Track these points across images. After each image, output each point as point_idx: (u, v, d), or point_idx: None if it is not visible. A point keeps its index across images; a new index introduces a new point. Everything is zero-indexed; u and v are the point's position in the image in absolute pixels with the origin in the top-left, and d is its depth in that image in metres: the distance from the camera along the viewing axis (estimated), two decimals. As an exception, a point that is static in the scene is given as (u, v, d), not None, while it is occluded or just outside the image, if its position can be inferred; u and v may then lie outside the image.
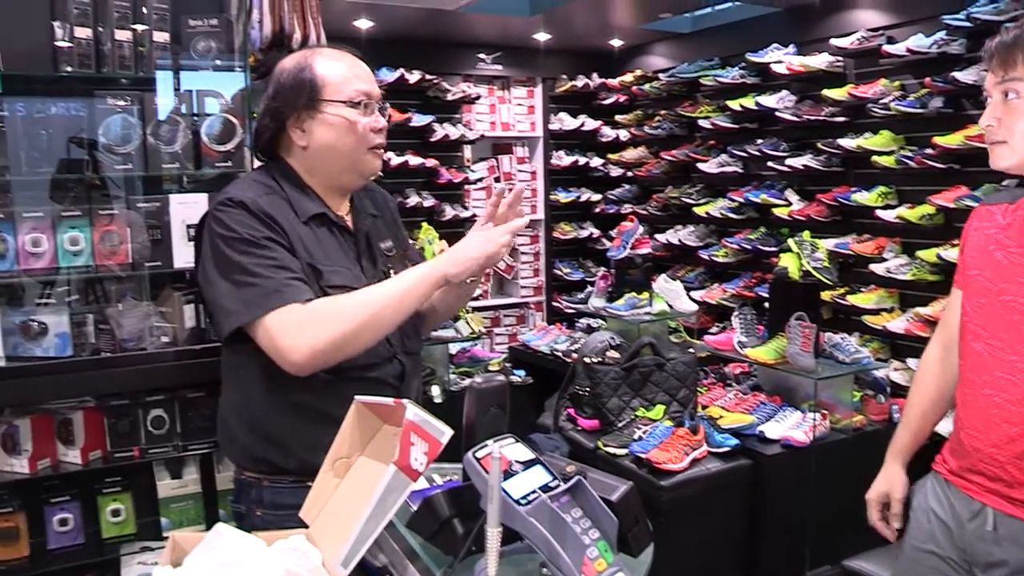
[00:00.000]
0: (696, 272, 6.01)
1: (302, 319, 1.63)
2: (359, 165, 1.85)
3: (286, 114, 1.80)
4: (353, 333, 1.65)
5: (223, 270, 1.69)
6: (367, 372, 1.77)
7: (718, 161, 5.72)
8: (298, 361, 1.64)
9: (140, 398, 2.47)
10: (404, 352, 1.88)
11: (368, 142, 1.83)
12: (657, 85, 6.26)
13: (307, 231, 1.77)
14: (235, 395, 1.84)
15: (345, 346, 1.66)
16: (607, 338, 4.10)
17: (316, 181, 1.85)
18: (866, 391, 3.88)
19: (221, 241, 1.70)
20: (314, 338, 1.63)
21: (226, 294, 1.68)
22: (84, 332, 2.40)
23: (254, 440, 1.80)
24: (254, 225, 1.70)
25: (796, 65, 5.01)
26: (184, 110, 2.51)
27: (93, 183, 2.46)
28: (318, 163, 1.83)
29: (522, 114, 6.93)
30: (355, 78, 1.82)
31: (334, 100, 1.79)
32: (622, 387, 3.60)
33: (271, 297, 1.64)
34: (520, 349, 5.96)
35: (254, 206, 1.71)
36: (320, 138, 1.81)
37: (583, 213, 7.14)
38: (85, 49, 2.37)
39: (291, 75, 1.81)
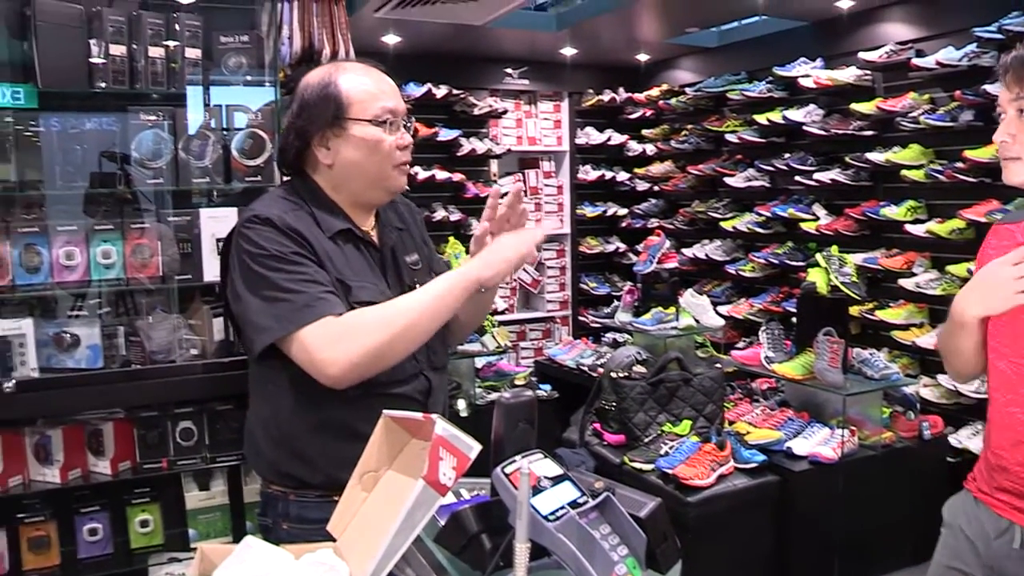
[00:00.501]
0: (723, 287, 5.98)
1: (338, 331, 1.63)
2: (385, 182, 1.84)
3: (311, 132, 1.79)
4: (390, 342, 1.64)
5: (253, 287, 1.68)
6: (393, 388, 1.77)
7: (745, 175, 5.69)
8: (335, 374, 1.63)
9: (169, 410, 2.49)
10: (431, 368, 1.87)
11: (394, 160, 1.82)
12: (684, 99, 6.25)
13: (333, 247, 1.77)
14: (263, 409, 1.84)
15: (383, 356, 1.65)
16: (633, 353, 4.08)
17: (341, 197, 1.84)
18: (895, 407, 3.83)
19: (249, 258, 1.70)
20: (351, 350, 1.62)
21: (257, 310, 1.68)
22: (115, 344, 2.42)
23: (280, 455, 1.80)
24: (282, 241, 1.70)
25: (824, 79, 4.99)
26: (214, 125, 2.54)
27: (125, 197, 2.49)
28: (343, 180, 1.82)
29: (548, 128, 6.94)
30: (381, 94, 1.80)
31: (359, 119, 1.77)
32: (648, 402, 3.58)
33: (304, 311, 1.64)
34: (546, 363, 5.95)
35: (280, 222, 1.71)
36: (345, 156, 1.80)
37: (609, 227, 7.13)
38: (119, 66, 2.40)
39: (315, 92, 1.79)
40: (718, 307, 5.27)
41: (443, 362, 1.95)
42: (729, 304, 5.73)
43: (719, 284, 6.04)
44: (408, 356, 1.76)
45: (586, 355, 5.68)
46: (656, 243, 4.56)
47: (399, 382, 1.78)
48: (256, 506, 1.98)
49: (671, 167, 6.61)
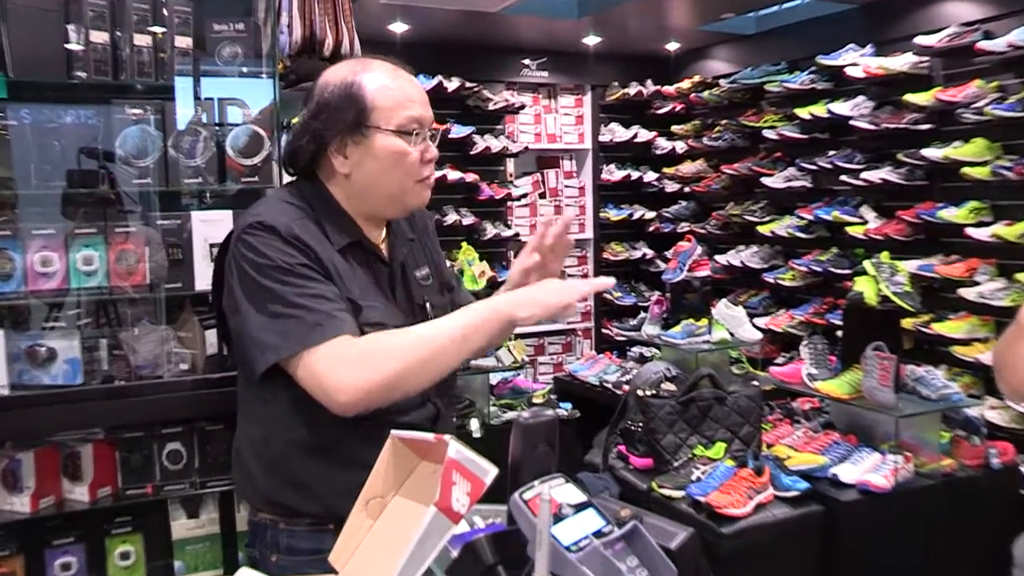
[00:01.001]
0: (760, 297, 5.95)
1: (352, 355, 1.61)
2: (405, 198, 1.82)
3: (328, 137, 1.76)
4: (408, 373, 1.63)
5: (256, 300, 1.66)
6: (398, 416, 1.74)
7: (785, 175, 5.67)
8: (344, 401, 1.62)
9: (155, 430, 2.49)
10: (439, 394, 1.86)
11: (417, 175, 1.80)
12: (717, 92, 6.24)
13: (342, 262, 1.75)
14: (253, 431, 1.82)
15: (399, 386, 1.64)
16: (662, 369, 4.07)
17: (355, 208, 1.82)
18: (957, 432, 3.77)
19: (253, 268, 1.67)
20: (365, 377, 1.61)
21: (261, 326, 1.66)
22: (96, 358, 2.42)
23: (271, 480, 1.79)
24: (288, 251, 1.68)
25: (874, 67, 4.95)
26: (205, 120, 2.54)
27: (108, 198, 2.50)
28: (360, 192, 1.80)
29: (570, 124, 6.95)
30: (408, 102, 1.78)
31: (383, 128, 1.75)
32: (678, 423, 3.57)
33: (315, 330, 1.62)
34: (566, 380, 5.93)
35: (287, 232, 1.69)
36: (364, 167, 1.77)
37: (636, 232, 7.12)
38: (101, 54, 2.41)
39: (336, 93, 1.76)
40: (755, 319, 5.24)
41: (452, 386, 1.95)
42: (767, 316, 5.70)
43: (756, 294, 6.01)
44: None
45: (610, 371, 5.66)
46: (687, 249, 4.55)
47: (404, 410, 1.77)
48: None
49: (703, 166, 6.59)
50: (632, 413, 3.74)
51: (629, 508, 1.40)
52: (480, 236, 6.10)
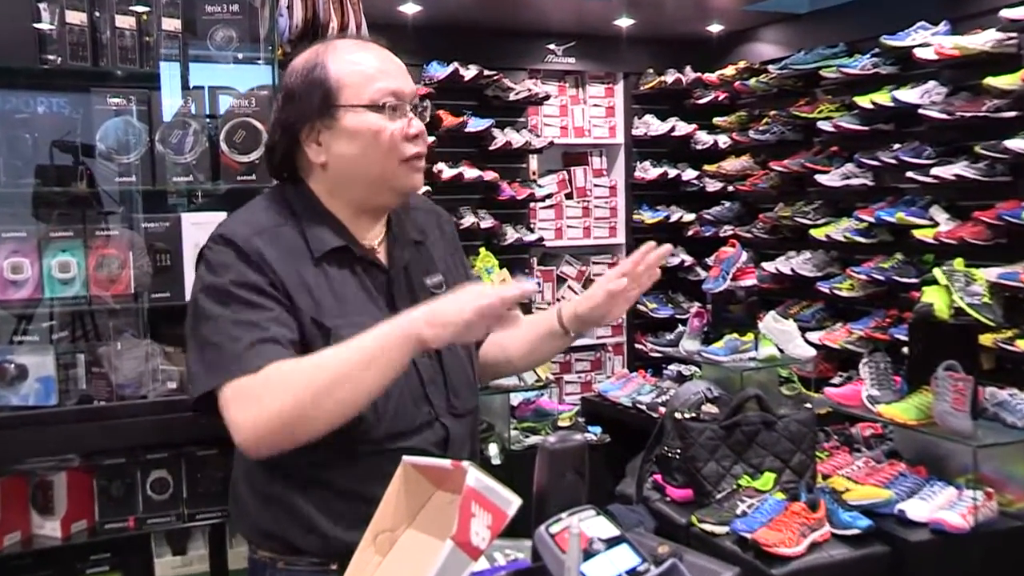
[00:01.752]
0: (813, 309, 5.92)
1: (249, 392, 1.62)
2: (391, 181, 1.81)
3: (298, 126, 1.78)
4: (305, 406, 1.60)
5: (196, 323, 1.71)
6: (398, 442, 1.74)
7: (842, 172, 5.64)
8: (244, 441, 1.63)
9: (138, 456, 2.51)
10: (451, 414, 1.85)
11: (400, 152, 1.78)
12: (766, 79, 6.22)
13: (317, 273, 1.75)
14: (245, 460, 1.84)
15: (295, 424, 1.60)
16: (702, 389, 4.06)
17: (340, 204, 1.83)
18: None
19: (201, 288, 1.72)
20: (256, 413, 1.60)
21: (194, 354, 1.70)
22: (72, 376, 2.44)
23: (267, 513, 1.80)
24: (240, 269, 1.70)
25: (949, 48, 4.88)
26: (194, 110, 2.56)
27: (87, 198, 2.52)
28: (340, 183, 1.81)
29: (599, 117, 6.94)
30: (379, 74, 1.78)
31: (353, 105, 1.75)
32: (721, 449, 3.56)
33: (231, 363, 1.63)
34: (595, 400, 5.91)
35: (246, 245, 1.71)
36: (340, 153, 1.78)
37: (673, 236, 7.08)
38: (78, 37, 2.44)
39: (300, 77, 1.78)
40: (807, 334, 5.19)
41: (468, 406, 1.91)
42: (821, 330, 5.66)
43: (809, 306, 5.98)
44: (418, 400, 1.77)
45: (644, 391, 5.65)
46: (730, 255, 4.54)
47: (404, 434, 1.76)
48: (243, 574, 1.98)
49: (749, 163, 6.57)
50: (669, 438, 3.73)
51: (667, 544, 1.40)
52: (500, 241, 6.11)
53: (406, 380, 1.73)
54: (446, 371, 1.85)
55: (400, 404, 1.75)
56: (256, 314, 1.67)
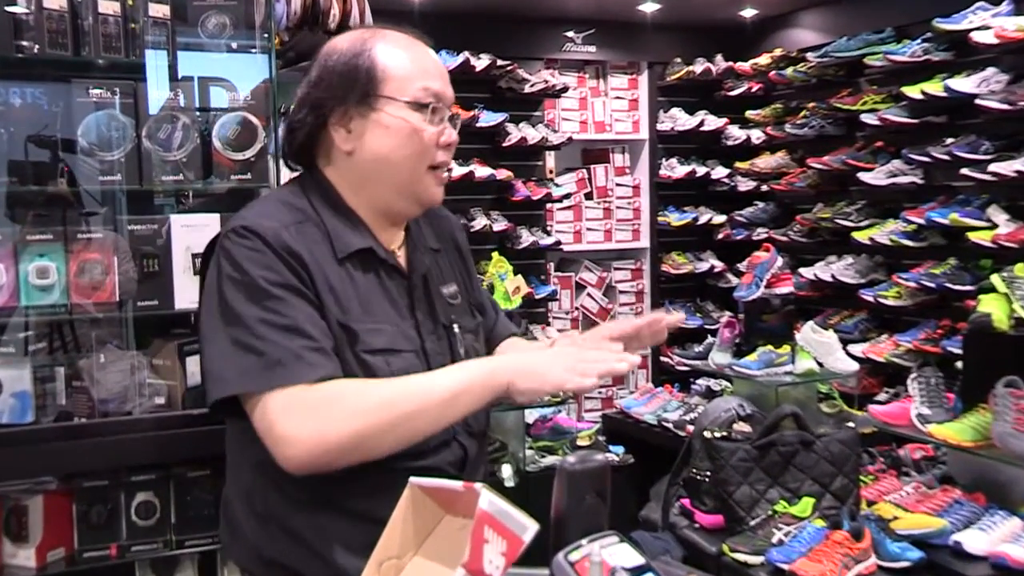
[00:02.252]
0: (856, 319, 5.90)
1: (309, 405, 1.65)
2: (415, 187, 1.87)
3: (330, 107, 1.82)
4: (374, 433, 1.66)
5: (220, 321, 1.71)
6: (415, 461, 1.77)
7: (888, 169, 5.62)
8: (294, 456, 1.65)
9: (122, 478, 2.51)
10: (468, 433, 1.89)
11: (431, 158, 1.85)
12: (804, 69, 6.21)
13: (340, 275, 1.79)
14: (244, 476, 1.85)
15: (359, 448, 1.67)
16: (734, 405, 4.04)
17: (361, 202, 1.87)
18: None
19: (228, 282, 1.72)
20: (319, 432, 1.64)
21: (219, 355, 1.71)
22: (50, 391, 2.45)
23: (265, 536, 1.80)
24: (271, 265, 1.72)
25: (1012, 30, 4.83)
26: (183, 103, 2.57)
27: (67, 198, 2.53)
28: (364, 178, 1.85)
29: (622, 110, 6.95)
30: (425, 73, 1.85)
31: (395, 98, 1.81)
32: (755, 472, 3.55)
33: (274, 371, 1.66)
34: (617, 418, 5.90)
35: (275, 240, 1.73)
36: (371, 144, 1.83)
37: (702, 240, 7.10)
38: (57, 24, 2.45)
39: (343, 59, 1.83)
40: (850, 346, 5.20)
41: (484, 426, 1.97)
42: (865, 342, 5.65)
43: (851, 315, 5.96)
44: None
45: (671, 408, 5.65)
46: (764, 260, 4.53)
47: (423, 453, 1.78)
48: (235, 605, 1.98)
49: (785, 160, 6.57)
50: (698, 459, 3.72)
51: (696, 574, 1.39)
52: (514, 245, 6.11)
53: None
54: None
55: None
56: (294, 317, 1.70)
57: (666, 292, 7.05)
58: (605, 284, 6.83)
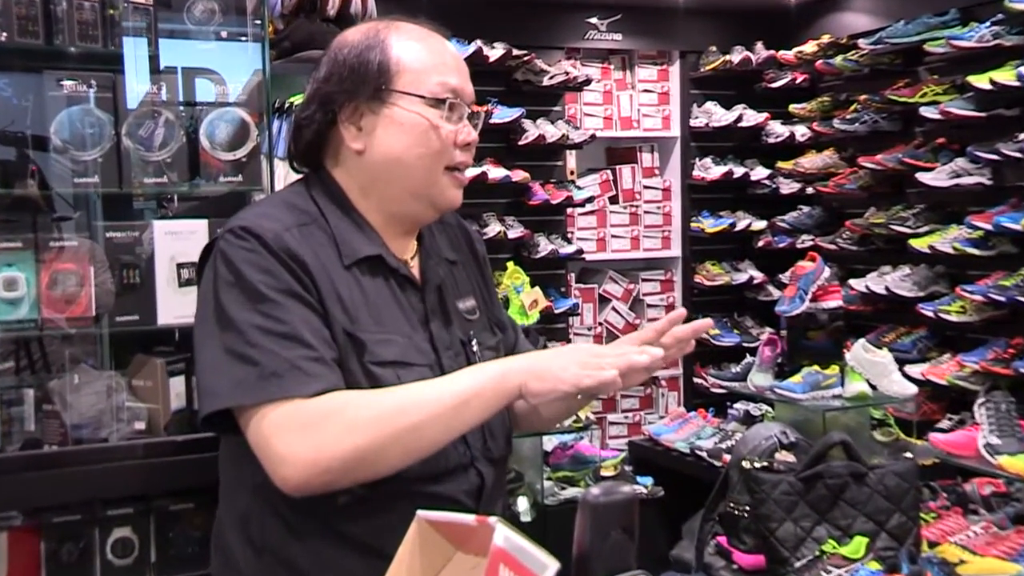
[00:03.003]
0: (915, 336, 5.88)
1: (306, 419, 1.67)
2: (430, 189, 1.90)
3: (340, 102, 1.86)
4: (379, 448, 1.68)
5: (215, 328, 1.74)
6: (429, 486, 1.79)
7: (951, 169, 5.60)
8: (291, 476, 1.67)
9: (97, 512, 2.51)
10: (486, 458, 1.91)
11: (448, 158, 1.89)
12: (855, 57, 6.20)
13: (350, 281, 1.81)
14: (239, 500, 1.87)
15: (362, 465, 1.68)
16: (776, 433, 4.02)
17: (371, 206, 1.90)
18: None
19: (223, 286, 1.75)
20: (317, 448, 1.65)
21: (212, 365, 1.73)
22: (16, 416, 2.46)
23: (260, 567, 1.82)
24: (271, 269, 1.74)
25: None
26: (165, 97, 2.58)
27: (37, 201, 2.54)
28: (375, 179, 1.89)
29: (651, 105, 6.96)
30: (443, 67, 1.89)
31: (410, 93, 1.85)
32: (800, 507, 3.53)
33: (269, 382, 1.68)
34: (645, 445, 5.90)
35: (276, 242, 1.76)
36: (383, 142, 1.86)
37: (740, 248, 7.10)
38: (26, 9, 2.46)
39: (355, 52, 1.87)
40: (907, 366, 5.18)
41: (504, 451, 1.99)
42: (924, 363, 5.62)
43: (908, 332, 5.94)
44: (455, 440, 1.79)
45: (705, 434, 5.65)
46: (810, 271, 4.52)
47: (437, 477, 1.80)
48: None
49: (833, 159, 6.56)
50: (736, 492, 3.71)
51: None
52: (531, 254, 6.11)
53: None
54: None
55: None
56: (293, 324, 1.72)
57: (699, 306, 7.01)
58: (632, 297, 6.82)
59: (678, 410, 6.48)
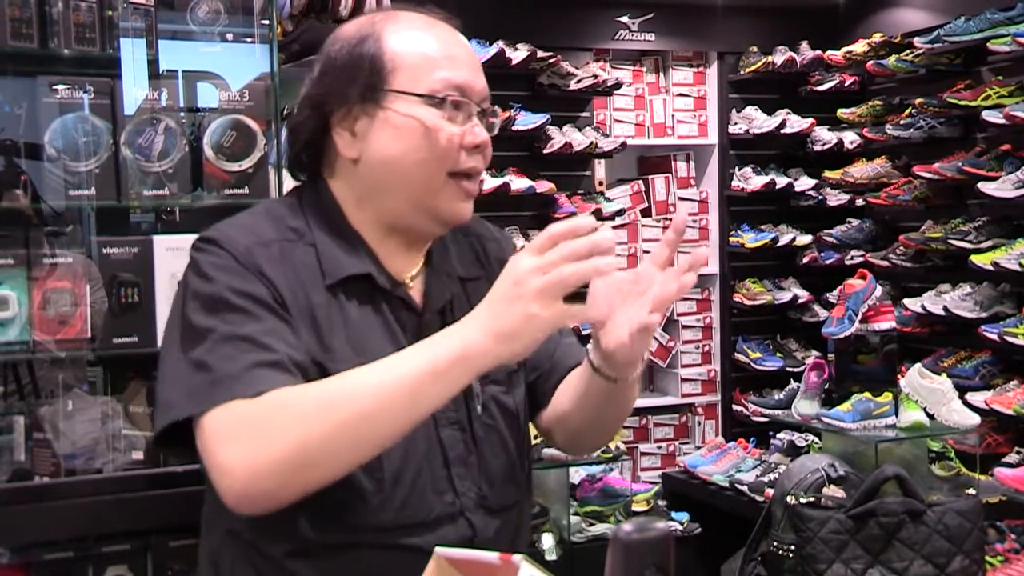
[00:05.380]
0: (977, 361, 5.85)
1: (239, 422, 1.61)
2: (431, 199, 1.82)
3: (332, 106, 1.81)
4: (319, 444, 1.57)
5: (176, 338, 1.72)
6: (406, 536, 1.74)
7: (1016, 178, 5.58)
8: (230, 486, 1.60)
9: (90, 548, 2.52)
10: (483, 507, 1.85)
11: (452, 162, 1.81)
12: (910, 57, 6.19)
13: (329, 306, 1.77)
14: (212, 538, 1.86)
15: (306, 466, 1.59)
16: (823, 465, 4.02)
17: (368, 219, 1.86)
18: None
19: (189, 296, 1.73)
20: (256, 451, 1.58)
21: (171, 377, 1.70)
22: (6, 444, 2.47)
23: None
24: (239, 274, 1.72)
25: None
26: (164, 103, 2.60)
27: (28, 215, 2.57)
28: (372, 188, 1.84)
29: (686, 110, 6.96)
30: (445, 60, 1.81)
31: (406, 92, 1.79)
32: (850, 547, 3.53)
33: (218, 387, 1.63)
34: (681, 478, 5.88)
35: (244, 257, 1.73)
36: (378, 148, 1.81)
37: (783, 265, 7.08)
38: (20, 11, 2.49)
39: (347, 47, 1.82)
40: (968, 394, 5.16)
41: (506, 500, 1.91)
42: (988, 390, 5.59)
43: (970, 357, 5.91)
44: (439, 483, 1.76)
45: (746, 467, 5.63)
46: (860, 289, 4.52)
47: (417, 526, 1.76)
48: None
49: (885, 167, 6.55)
50: (779, 530, 3.70)
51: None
52: (557, 271, 6.12)
53: (424, 454, 1.75)
54: (479, 447, 1.85)
55: (415, 486, 1.74)
56: (254, 327, 1.67)
57: (739, 327, 7.03)
58: (666, 318, 6.81)
59: (716, 440, 6.45)
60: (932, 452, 4.78)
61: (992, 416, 5.33)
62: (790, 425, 5.27)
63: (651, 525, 1.45)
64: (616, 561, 1.40)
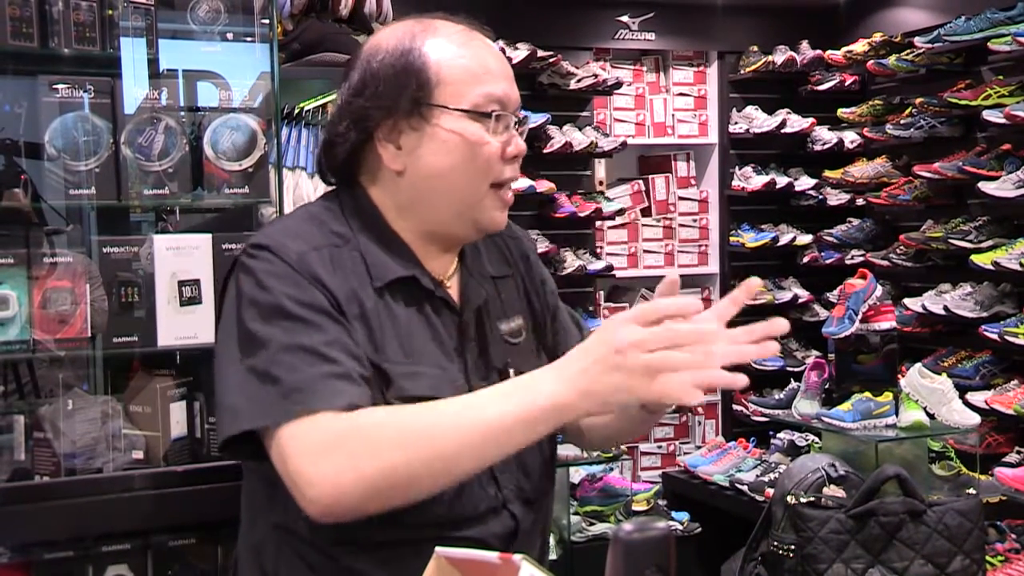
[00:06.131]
0: (977, 361, 5.84)
1: (328, 437, 1.64)
2: (475, 209, 1.87)
3: (376, 120, 1.83)
4: (408, 471, 1.63)
5: (236, 346, 1.73)
6: (456, 530, 1.78)
7: (1017, 178, 5.58)
8: (316, 499, 1.64)
9: (90, 548, 2.51)
10: (521, 499, 1.89)
11: (495, 174, 1.85)
12: (911, 56, 6.18)
13: (380, 307, 1.80)
14: (255, 532, 1.88)
15: (394, 488, 1.64)
16: (823, 465, 4.02)
17: (409, 225, 1.89)
18: None
19: (246, 304, 1.74)
20: (344, 468, 1.62)
21: (235, 386, 1.72)
22: (6, 444, 2.47)
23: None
24: (298, 283, 1.74)
25: None
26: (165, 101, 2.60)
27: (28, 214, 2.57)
28: (416, 200, 1.87)
29: (686, 109, 6.96)
30: (486, 75, 1.85)
31: (452, 107, 1.82)
32: (850, 547, 3.53)
33: (292, 399, 1.66)
34: (681, 478, 5.88)
35: (299, 264, 1.75)
36: (425, 162, 1.83)
37: (783, 264, 7.08)
38: (20, 10, 2.48)
39: (389, 61, 1.83)
40: (969, 394, 5.17)
41: (542, 491, 1.96)
42: (988, 390, 5.58)
43: (970, 356, 5.90)
44: (484, 479, 1.79)
45: (746, 466, 5.63)
46: (860, 289, 4.51)
47: (466, 520, 1.80)
48: None
49: (886, 167, 6.55)
50: (779, 530, 3.70)
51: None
52: (557, 270, 6.10)
53: None
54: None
55: (464, 483, 1.76)
56: (317, 337, 1.70)
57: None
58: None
59: (716, 440, 6.45)
60: (932, 452, 4.77)
61: (992, 416, 5.34)
62: (790, 425, 5.28)
63: (651, 525, 1.45)
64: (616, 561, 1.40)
